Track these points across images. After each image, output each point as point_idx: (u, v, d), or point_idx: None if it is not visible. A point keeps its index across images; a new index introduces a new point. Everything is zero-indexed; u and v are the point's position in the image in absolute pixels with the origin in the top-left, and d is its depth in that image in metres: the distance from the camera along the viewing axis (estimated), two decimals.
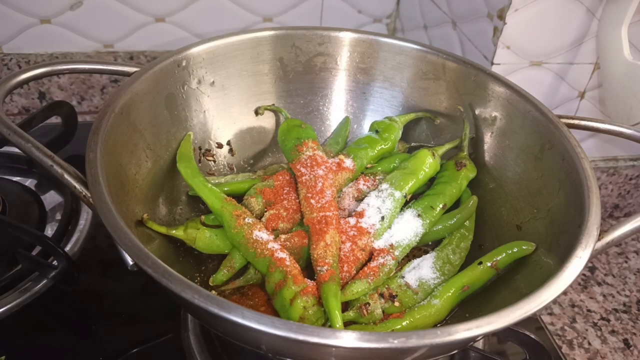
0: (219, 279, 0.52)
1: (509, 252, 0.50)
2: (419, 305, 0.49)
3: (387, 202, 0.55)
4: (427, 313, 0.48)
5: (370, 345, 0.33)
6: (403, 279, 0.51)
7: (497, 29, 0.65)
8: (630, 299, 0.71)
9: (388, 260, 0.51)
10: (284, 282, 0.46)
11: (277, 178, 0.58)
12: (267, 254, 0.49)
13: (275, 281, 0.47)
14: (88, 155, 0.44)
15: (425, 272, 0.52)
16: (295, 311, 0.45)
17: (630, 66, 0.61)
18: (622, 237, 0.46)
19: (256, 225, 0.51)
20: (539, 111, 0.55)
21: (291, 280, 0.46)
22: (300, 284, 0.46)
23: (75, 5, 0.81)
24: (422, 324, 0.47)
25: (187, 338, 0.55)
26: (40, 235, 0.60)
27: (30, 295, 0.57)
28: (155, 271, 0.36)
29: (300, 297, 0.45)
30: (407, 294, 0.50)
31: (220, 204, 0.52)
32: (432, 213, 0.55)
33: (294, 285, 0.46)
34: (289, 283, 0.46)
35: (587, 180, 0.47)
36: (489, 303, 0.49)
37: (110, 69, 0.56)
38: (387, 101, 0.67)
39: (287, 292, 0.46)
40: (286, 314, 0.46)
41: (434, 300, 0.48)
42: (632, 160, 0.81)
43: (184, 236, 0.52)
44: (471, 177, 0.60)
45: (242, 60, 0.62)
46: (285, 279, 0.46)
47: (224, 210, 0.52)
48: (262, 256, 0.49)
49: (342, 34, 0.65)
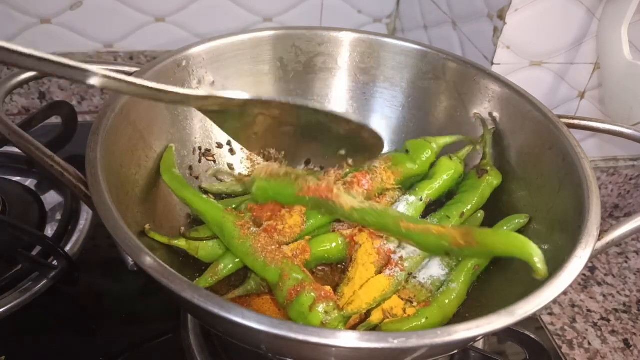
0: (201, 285, 0.50)
1: (504, 228, 0.52)
2: (441, 292, 0.50)
3: (400, 206, 0.55)
4: (451, 297, 0.49)
5: (370, 345, 0.33)
6: (416, 279, 0.52)
7: (497, 29, 0.65)
8: (630, 299, 0.71)
9: (396, 273, 0.51)
10: (301, 289, 0.45)
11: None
12: (280, 261, 0.48)
13: (290, 287, 0.46)
14: (88, 155, 0.44)
15: (435, 270, 0.52)
16: (316, 317, 0.44)
17: (630, 66, 0.61)
18: (622, 237, 0.46)
19: (261, 234, 0.50)
20: (539, 111, 0.55)
21: (309, 286, 0.45)
22: (319, 289, 0.45)
23: (75, 5, 0.81)
24: (449, 307, 0.49)
25: (187, 338, 0.55)
26: (40, 235, 0.60)
27: (30, 295, 0.56)
28: (155, 271, 0.36)
29: (320, 303, 0.44)
30: (422, 292, 0.51)
31: (221, 215, 0.51)
32: (448, 223, 0.54)
33: (314, 291, 0.45)
34: (307, 289, 0.45)
35: (587, 180, 0.47)
36: (489, 303, 0.49)
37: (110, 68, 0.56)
38: (387, 101, 0.67)
39: (306, 298, 0.44)
40: (305, 321, 0.44)
41: (452, 285, 0.50)
42: (632, 160, 0.81)
43: (186, 246, 0.52)
44: (495, 185, 0.58)
45: (242, 60, 0.62)
46: (302, 285, 0.45)
47: (226, 221, 0.50)
48: (274, 264, 0.48)
49: (342, 34, 0.65)
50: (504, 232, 0.48)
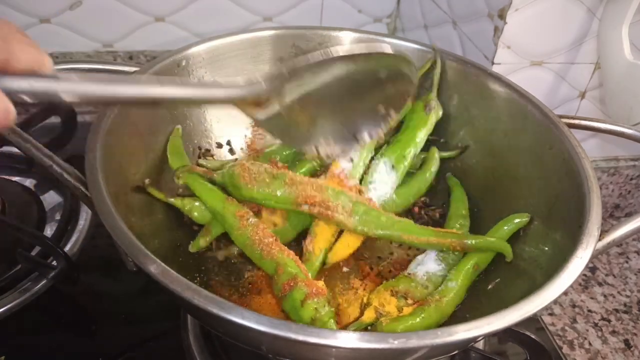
0: (198, 245, 0.53)
1: (505, 228, 0.53)
2: (439, 290, 0.50)
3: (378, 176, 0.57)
4: (449, 295, 0.49)
5: (370, 345, 0.33)
6: (411, 275, 0.52)
7: (498, 29, 0.65)
8: (631, 299, 0.71)
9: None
10: (293, 283, 0.46)
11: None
12: (275, 255, 0.49)
13: (284, 281, 0.47)
14: (88, 155, 0.44)
15: (430, 265, 0.53)
16: (307, 312, 0.45)
17: (631, 66, 0.61)
18: (623, 237, 0.46)
19: (259, 226, 0.51)
20: (539, 111, 0.55)
21: (301, 281, 0.46)
22: (310, 285, 0.46)
23: (74, 5, 0.81)
24: (446, 306, 0.49)
25: (187, 338, 0.55)
26: (40, 235, 0.60)
27: (30, 295, 0.56)
28: (155, 271, 0.36)
29: (311, 298, 0.45)
30: (417, 289, 0.51)
31: (222, 205, 0.52)
32: (404, 162, 0.57)
33: (305, 287, 0.46)
34: (299, 285, 0.46)
35: (587, 180, 0.47)
36: (489, 303, 0.49)
37: (110, 68, 0.56)
38: None
39: (298, 293, 0.46)
40: (297, 315, 0.45)
41: (450, 283, 0.50)
42: (632, 160, 0.81)
43: (181, 205, 0.53)
44: (437, 119, 0.61)
45: (242, 60, 0.62)
46: (295, 280, 0.46)
47: (226, 211, 0.52)
48: (270, 257, 0.49)
49: (342, 34, 0.65)
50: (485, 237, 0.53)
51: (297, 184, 0.52)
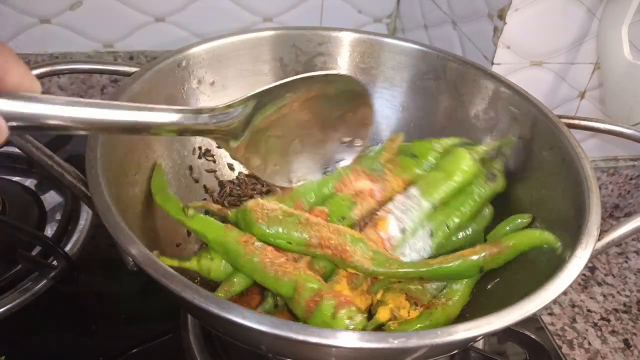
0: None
1: (507, 228, 0.52)
2: (444, 293, 0.50)
3: (413, 212, 0.51)
4: (454, 298, 0.49)
5: (370, 345, 0.33)
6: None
7: (498, 29, 0.65)
8: (630, 299, 0.71)
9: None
10: (319, 298, 0.43)
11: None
12: (292, 273, 0.45)
13: (307, 298, 0.43)
14: (88, 155, 0.44)
15: None
16: (340, 324, 0.42)
17: (631, 66, 0.61)
18: (623, 237, 0.46)
19: (267, 248, 0.47)
20: (539, 111, 0.55)
21: (326, 294, 0.43)
22: (336, 295, 0.44)
23: (75, 5, 0.81)
24: (452, 308, 0.49)
25: (187, 338, 0.55)
26: (40, 235, 0.60)
27: (30, 295, 0.57)
28: (155, 271, 0.36)
29: (341, 309, 0.42)
30: (425, 296, 0.50)
31: (223, 233, 0.47)
32: (444, 234, 0.51)
33: (332, 298, 0.43)
34: (325, 297, 0.43)
35: (587, 180, 0.47)
36: (489, 303, 0.49)
37: (110, 69, 0.56)
38: (387, 101, 0.66)
39: (326, 307, 0.42)
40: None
41: (455, 285, 0.50)
42: (632, 160, 0.81)
43: (197, 268, 0.48)
44: (497, 192, 0.54)
45: (242, 60, 0.62)
46: (320, 295, 0.43)
47: (228, 239, 0.47)
48: (287, 278, 0.45)
49: (342, 34, 0.65)
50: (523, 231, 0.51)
51: (312, 224, 0.47)
